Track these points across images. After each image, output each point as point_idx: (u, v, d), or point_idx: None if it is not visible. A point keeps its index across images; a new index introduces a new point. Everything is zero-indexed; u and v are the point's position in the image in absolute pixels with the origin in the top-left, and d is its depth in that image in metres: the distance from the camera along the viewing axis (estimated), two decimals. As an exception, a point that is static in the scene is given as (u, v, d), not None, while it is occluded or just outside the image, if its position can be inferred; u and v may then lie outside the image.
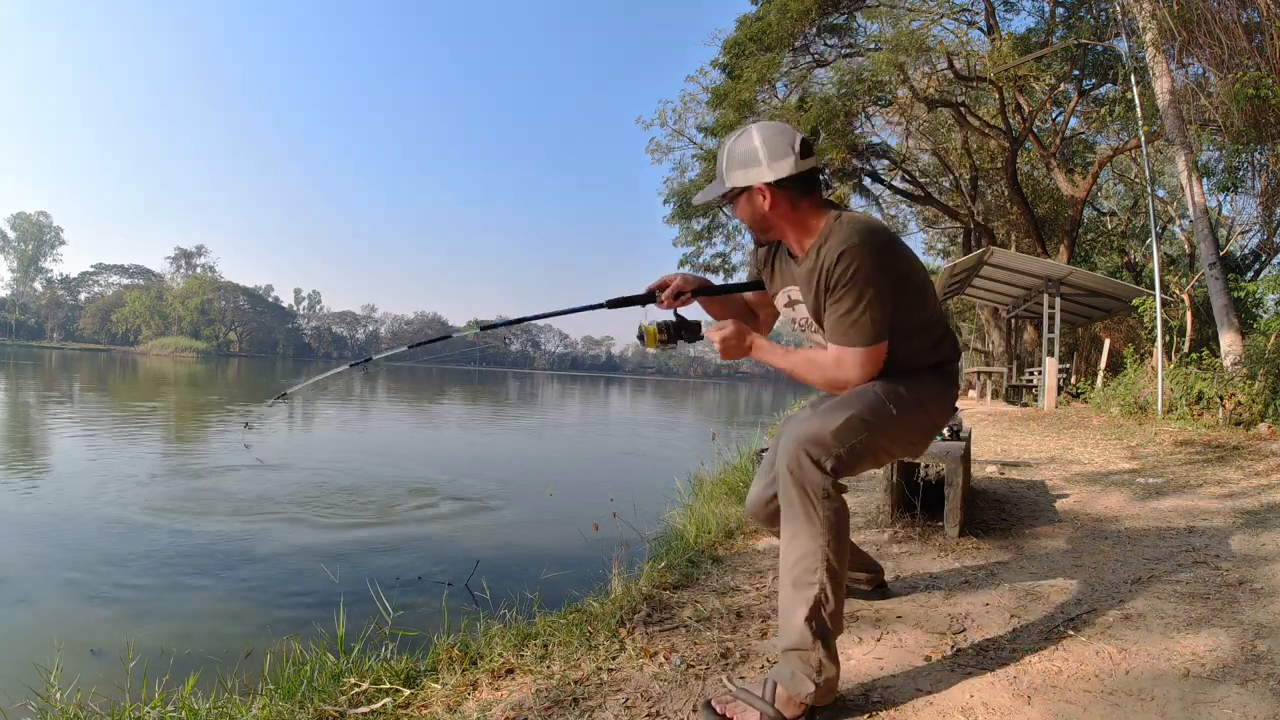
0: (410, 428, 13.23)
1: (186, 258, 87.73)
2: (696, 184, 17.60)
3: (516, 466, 7.94)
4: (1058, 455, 5.33)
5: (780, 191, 1.49)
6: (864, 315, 1.44)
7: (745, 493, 3.74)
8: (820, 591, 1.39)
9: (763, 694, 1.39)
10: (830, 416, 1.47)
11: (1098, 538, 2.82)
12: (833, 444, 1.44)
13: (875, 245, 1.44)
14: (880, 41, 14.33)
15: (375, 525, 4.69)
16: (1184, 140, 7.79)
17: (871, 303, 1.43)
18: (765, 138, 1.48)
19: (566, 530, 4.68)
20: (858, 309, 1.44)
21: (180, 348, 72.22)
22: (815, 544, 1.40)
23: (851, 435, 1.46)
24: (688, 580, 2.42)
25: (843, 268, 1.42)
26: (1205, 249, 7.89)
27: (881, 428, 1.49)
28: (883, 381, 1.51)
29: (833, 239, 1.45)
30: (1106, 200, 22.11)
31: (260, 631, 2.74)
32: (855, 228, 1.45)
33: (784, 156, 1.47)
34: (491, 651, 1.85)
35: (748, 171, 1.50)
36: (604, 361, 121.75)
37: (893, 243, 1.50)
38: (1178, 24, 7.18)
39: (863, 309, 1.44)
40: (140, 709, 1.70)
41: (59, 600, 3.23)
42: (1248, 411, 6.26)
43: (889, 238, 1.51)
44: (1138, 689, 1.51)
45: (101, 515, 4.64)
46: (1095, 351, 14.05)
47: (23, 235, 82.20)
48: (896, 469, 2.96)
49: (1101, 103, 13.47)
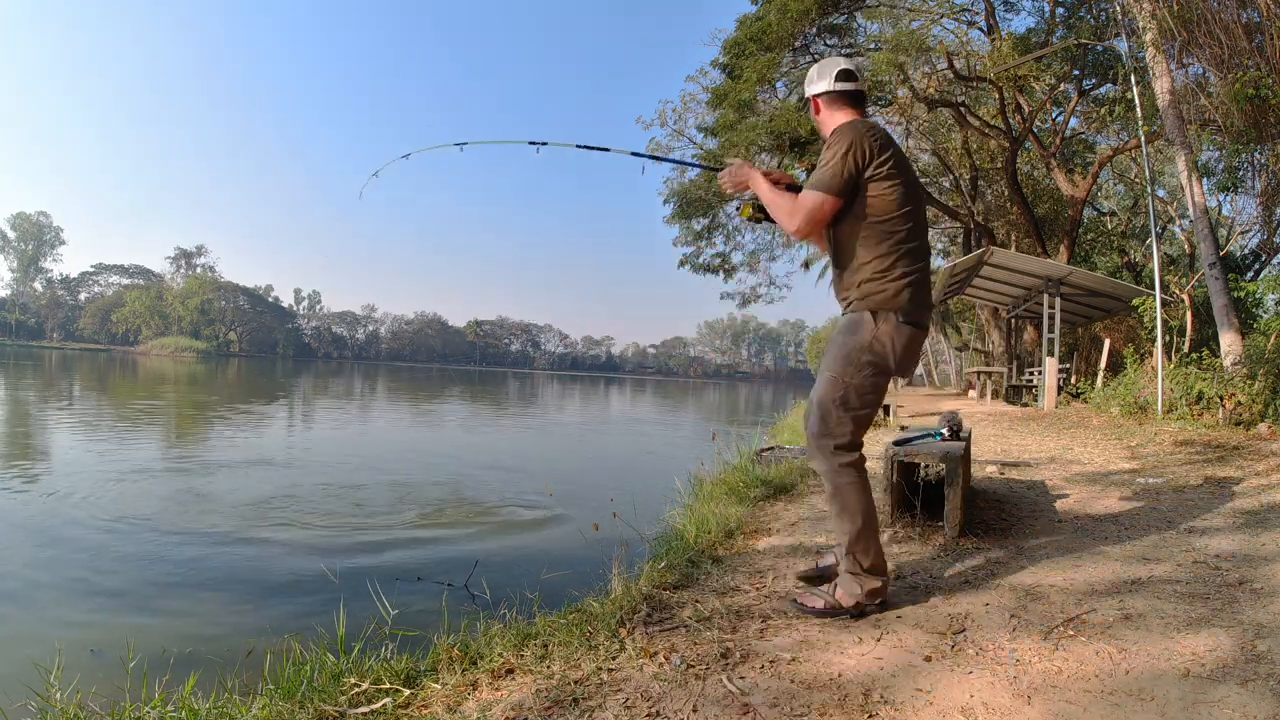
0: (410, 428, 13.23)
1: (186, 258, 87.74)
2: (696, 184, 17.54)
3: (516, 466, 7.94)
4: (1058, 455, 5.33)
5: (819, 99, 2.17)
6: (826, 169, 1.97)
7: (745, 493, 3.76)
8: (856, 532, 1.97)
9: (829, 592, 2.03)
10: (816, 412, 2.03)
11: (1098, 538, 2.82)
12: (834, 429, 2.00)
13: (856, 130, 1.99)
14: (880, 41, 14.32)
15: (375, 525, 4.68)
16: (1184, 140, 7.79)
17: (836, 162, 1.96)
18: (818, 68, 2.20)
19: (566, 530, 4.68)
20: (827, 164, 1.97)
21: (180, 348, 72.19)
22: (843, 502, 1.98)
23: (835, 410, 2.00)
24: (688, 580, 2.42)
25: (830, 140, 2.03)
26: (1205, 249, 7.89)
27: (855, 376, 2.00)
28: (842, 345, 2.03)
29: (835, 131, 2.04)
30: (1106, 200, 22.10)
31: (260, 631, 2.74)
32: (851, 122, 2.06)
33: (822, 79, 2.16)
34: (491, 651, 1.85)
35: (806, 86, 2.23)
36: (604, 361, 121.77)
37: (879, 140, 1.99)
38: (1178, 24, 7.18)
39: (828, 165, 1.97)
40: (140, 709, 1.70)
41: (59, 600, 3.23)
42: (1248, 411, 6.26)
43: (881, 137, 2.00)
44: (1138, 689, 1.51)
45: (102, 515, 4.64)
46: (1095, 351, 14.05)
47: (23, 235, 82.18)
48: (896, 469, 2.96)
49: (1101, 103, 13.45)
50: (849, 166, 1.94)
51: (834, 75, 2.12)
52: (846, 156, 1.94)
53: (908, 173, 2.02)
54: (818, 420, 2.01)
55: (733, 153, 14.43)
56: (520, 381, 48.33)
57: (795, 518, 3.36)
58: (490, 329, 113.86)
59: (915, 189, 2.05)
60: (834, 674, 1.63)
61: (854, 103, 2.13)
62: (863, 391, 1.99)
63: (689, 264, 19.44)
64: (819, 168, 1.98)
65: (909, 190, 2.00)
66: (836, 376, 2.00)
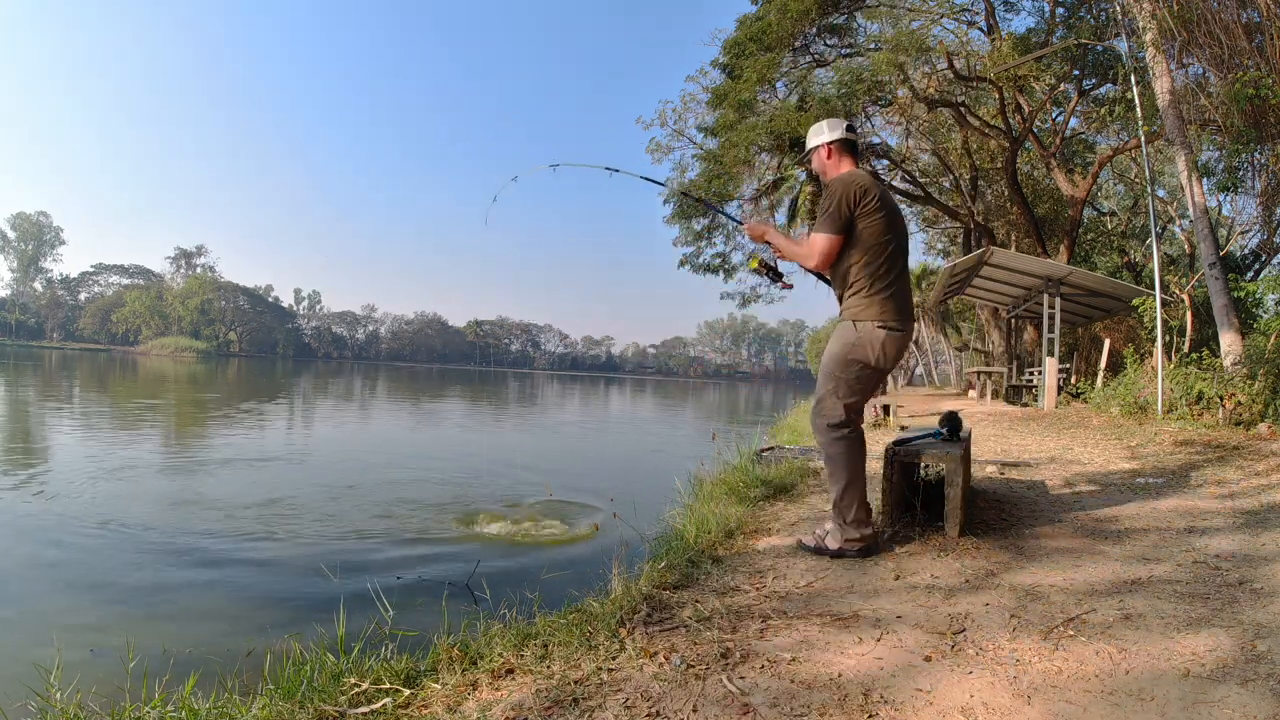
0: (409, 428, 13.23)
1: (186, 258, 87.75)
2: (696, 184, 17.53)
3: (516, 466, 7.94)
4: (1058, 455, 5.33)
5: (831, 146, 2.72)
6: (827, 215, 2.54)
7: (745, 493, 3.77)
8: (841, 490, 2.55)
9: (821, 537, 2.67)
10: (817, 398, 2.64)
11: (1098, 538, 2.82)
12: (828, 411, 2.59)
13: (844, 182, 2.56)
14: (880, 41, 14.30)
15: (376, 525, 4.68)
16: (1184, 140, 7.79)
17: (834, 209, 2.52)
18: (828, 123, 2.76)
19: (566, 530, 4.68)
20: (827, 210, 2.55)
21: (180, 348, 72.22)
22: (834, 466, 2.58)
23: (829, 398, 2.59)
24: (688, 580, 2.42)
25: (828, 190, 2.58)
26: (1205, 249, 7.89)
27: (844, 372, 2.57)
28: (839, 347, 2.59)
29: (835, 179, 2.62)
30: (1106, 200, 22.08)
31: (260, 631, 2.74)
32: (846, 175, 2.61)
33: (834, 131, 2.72)
34: (491, 651, 1.85)
35: (815, 138, 2.76)
36: (604, 361, 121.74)
37: (864, 187, 2.53)
38: (1178, 24, 7.18)
39: (828, 211, 2.54)
40: (140, 709, 1.70)
41: (59, 600, 3.23)
42: (1248, 411, 6.26)
43: (865, 184, 2.54)
44: (1138, 689, 1.51)
45: (102, 515, 4.64)
46: (1095, 351, 14.04)
47: (23, 235, 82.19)
48: (896, 469, 2.96)
49: (1101, 103, 13.44)
50: (844, 210, 2.52)
51: (844, 128, 2.72)
52: (840, 203, 2.52)
53: (888, 204, 2.58)
54: (817, 404, 2.64)
55: (733, 152, 14.44)
56: (520, 381, 48.32)
57: (795, 518, 3.36)
58: (490, 329, 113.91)
59: (895, 216, 2.61)
60: (834, 674, 1.63)
61: (853, 152, 2.74)
62: (850, 382, 2.58)
63: (689, 264, 19.41)
64: (821, 213, 2.59)
65: (890, 218, 2.57)
66: (830, 372, 2.60)
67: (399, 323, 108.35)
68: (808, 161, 2.91)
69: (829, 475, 2.60)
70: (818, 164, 2.77)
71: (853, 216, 2.52)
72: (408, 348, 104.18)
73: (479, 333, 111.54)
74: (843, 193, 2.52)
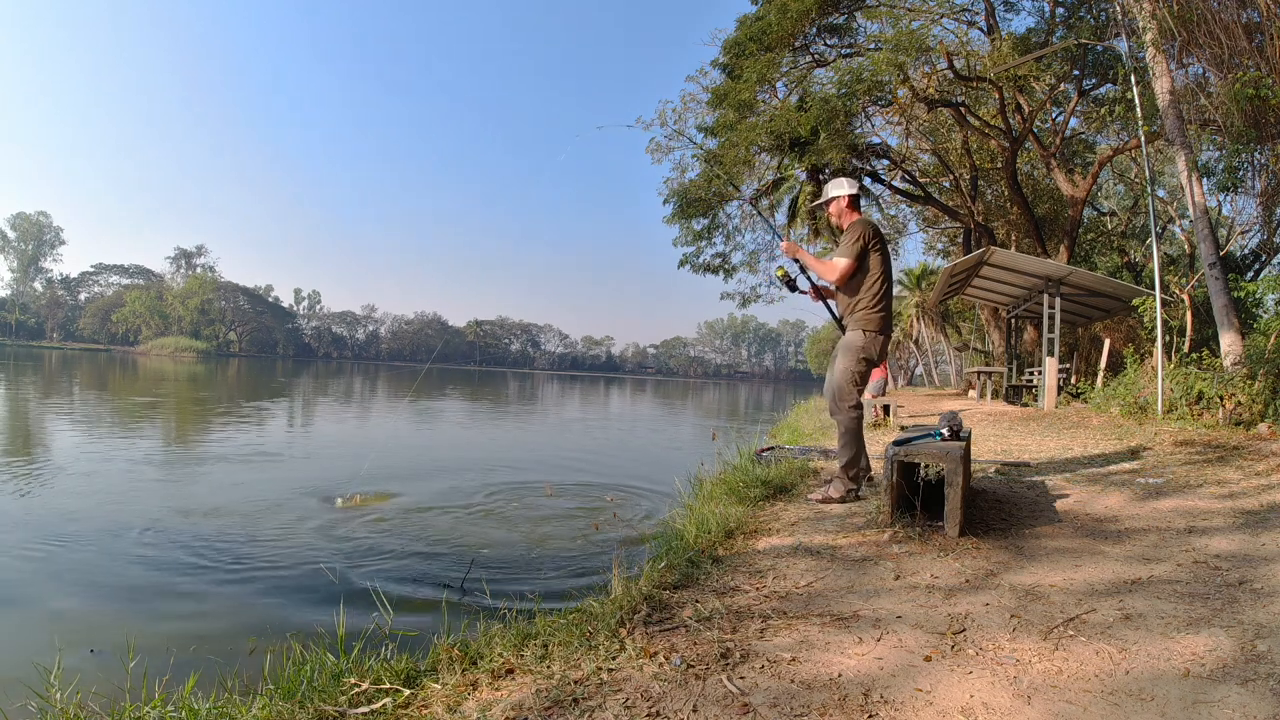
0: (410, 428, 13.23)
1: (186, 258, 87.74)
2: (696, 184, 17.51)
3: (516, 465, 7.94)
4: (1058, 455, 5.33)
5: (846, 198, 3.74)
6: (847, 246, 3.56)
7: (745, 493, 3.79)
8: (851, 455, 3.58)
9: (826, 490, 3.66)
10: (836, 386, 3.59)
11: (1098, 538, 2.82)
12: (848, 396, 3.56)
13: (863, 225, 3.59)
14: (880, 41, 14.28)
15: (376, 524, 4.68)
16: (1184, 140, 7.79)
17: (854, 242, 3.54)
18: (847, 180, 3.77)
19: (567, 530, 4.68)
20: (848, 242, 3.56)
21: (180, 348, 72.22)
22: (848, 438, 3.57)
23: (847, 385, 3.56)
24: (688, 580, 2.42)
25: (851, 228, 3.61)
26: (1205, 249, 7.88)
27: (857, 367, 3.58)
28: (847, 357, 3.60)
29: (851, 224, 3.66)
30: (1106, 200, 22.09)
31: (260, 631, 2.73)
32: (864, 219, 3.66)
33: (852, 187, 3.75)
34: (491, 651, 1.85)
35: (833, 190, 3.78)
36: (604, 361, 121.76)
37: (876, 231, 3.60)
38: (1178, 24, 7.17)
39: (850, 243, 3.55)
40: (140, 709, 1.70)
41: (59, 600, 3.22)
42: (1248, 411, 6.26)
43: (876, 229, 3.61)
44: (1138, 689, 1.51)
45: (101, 514, 4.64)
46: (1095, 351, 14.04)
47: (23, 235, 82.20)
48: (896, 469, 2.96)
49: (1101, 103, 13.44)
50: (860, 245, 3.54)
51: (857, 186, 3.76)
52: (858, 240, 3.53)
53: (884, 245, 3.62)
54: (837, 390, 3.57)
55: (733, 152, 14.43)
56: (520, 381, 48.31)
57: (795, 518, 3.37)
58: (490, 329, 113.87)
59: (887, 254, 3.63)
60: (834, 674, 1.63)
61: (859, 204, 3.79)
62: (860, 374, 3.59)
63: (689, 264, 19.40)
64: (843, 244, 3.58)
65: (886, 255, 3.61)
66: (847, 367, 3.56)
67: (399, 323, 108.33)
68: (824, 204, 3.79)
69: (842, 445, 3.58)
70: (835, 209, 3.74)
71: (866, 250, 3.52)
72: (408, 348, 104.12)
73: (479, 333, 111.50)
74: (863, 231, 3.53)
